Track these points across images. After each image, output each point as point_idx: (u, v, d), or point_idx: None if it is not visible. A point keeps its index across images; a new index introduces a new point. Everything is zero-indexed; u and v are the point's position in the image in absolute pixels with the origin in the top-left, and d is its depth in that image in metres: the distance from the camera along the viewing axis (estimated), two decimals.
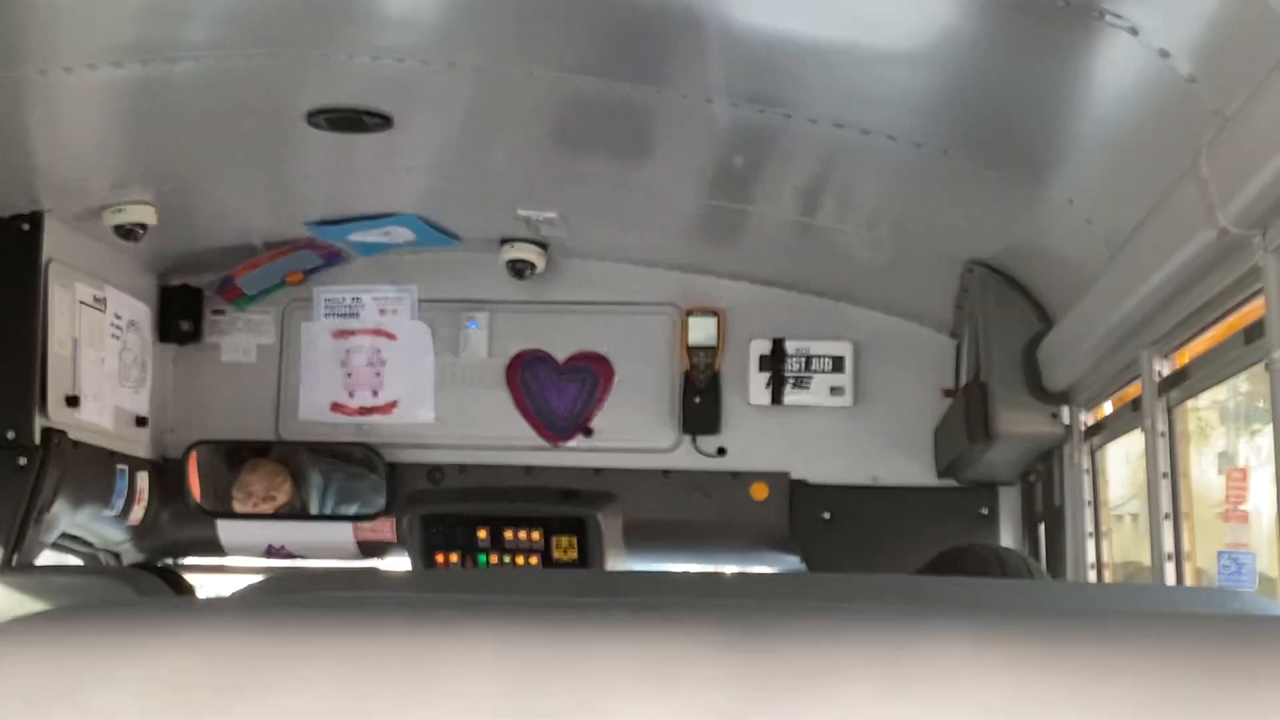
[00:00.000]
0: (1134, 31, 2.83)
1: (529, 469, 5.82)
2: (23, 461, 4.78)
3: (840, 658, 1.16)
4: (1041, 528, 5.23)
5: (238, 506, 5.86)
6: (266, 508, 5.85)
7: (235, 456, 5.95)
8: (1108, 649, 1.18)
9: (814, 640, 1.17)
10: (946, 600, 2.08)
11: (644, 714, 1.12)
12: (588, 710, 1.12)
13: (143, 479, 5.62)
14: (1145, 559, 3.99)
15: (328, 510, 5.94)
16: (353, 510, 5.92)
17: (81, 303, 5.12)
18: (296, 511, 5.92)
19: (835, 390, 5.74)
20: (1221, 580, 3.48)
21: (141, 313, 5.63)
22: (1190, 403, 3.83)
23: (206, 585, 6.03)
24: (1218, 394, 3.91)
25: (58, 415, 4.93)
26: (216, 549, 5.95)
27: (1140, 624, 1.26)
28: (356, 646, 1.13)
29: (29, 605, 4.07)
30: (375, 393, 5.89)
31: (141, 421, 5.62)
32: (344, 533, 5.89)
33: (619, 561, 5.72)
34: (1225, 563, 3.49)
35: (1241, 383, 3.64)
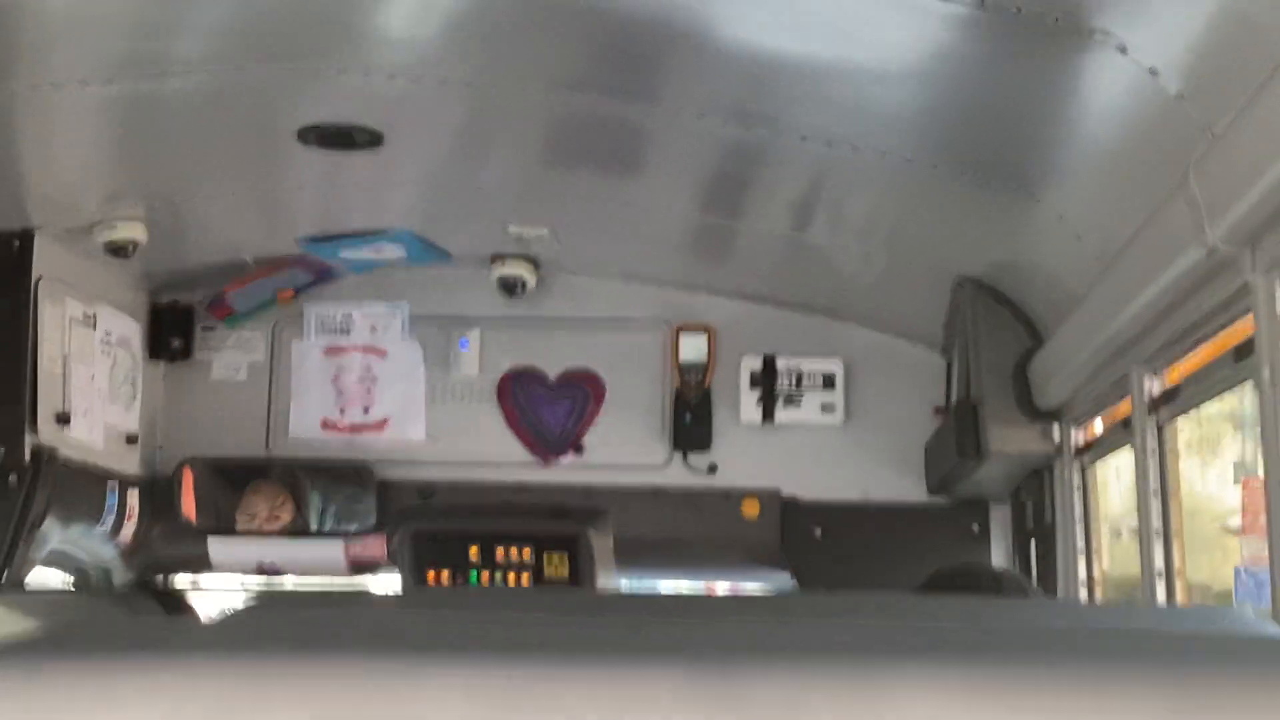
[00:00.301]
0: (1123, 50, 2.84)
1: (520, 486, 5.82)
2: (13, 479, 4.77)
3: (815, 704, 1.16)
4: (1033, 544, 5.23)
5: (241, 529, 5.86)
6: (271, 529, 5.84)
7: (226, 474, 5.94)
8: (1100, 685, 1.17)
9: (787, 686, 1.17)
10: (938, 621, 2.07)
11: None
12: None
13: (133, 496, 5.61)
14: None
15: (327, 529, 5.93)
16: (351, 528, 5.91)
17: (72, 320, 5.11)
18: (290, 529, 5.92)
19: (826, 407, 5.74)
20: (1239, 599, 3.32)
21: (132, 330, 5.62)
22: (1199, 409, 3.76)
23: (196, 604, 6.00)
24: (1230, 401, 3.81)
25: (48, 433, 4.92)
26: (207, 566, 5.93)
27: (1134, 651, 1.26)
28: (333, 674, 1.13)
29: (19, 624, 4.06)
30: (366, 410, 5.89)
31: (132, 439, 5.61)
32: (334, 550, 5.87)
33: (610, 579, 5.71)
34: (1243, 580, 3.32)
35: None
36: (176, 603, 4.98)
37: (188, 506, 5.80)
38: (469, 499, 5.81)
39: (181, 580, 6.09)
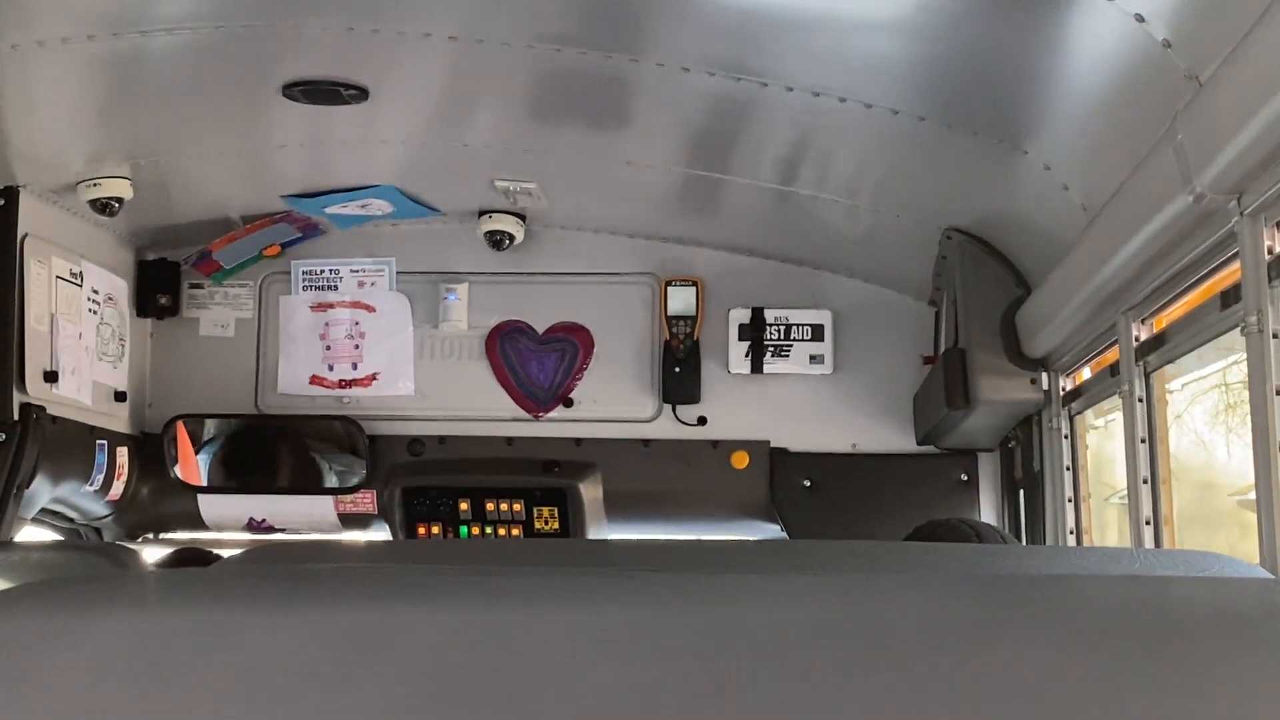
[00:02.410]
0: None
1: (509, 440, 5.82)
2: (1, 437, 4.77)
3: (799, 631, 1.16)
4: (1021, 494, 5.25)
5: None
6: None
7: (216, 430, 5.94)
8: (1076, 612, 1.18)
9: (776, 632, 1.17)
10: (924, 566, 2.09)
11: (597, 686, 1.13)
12: (539, 682, 1.12)
13: (122, 454, 5.61)
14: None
15: (317, 485, 5.95)
16: (341, 484, 5.92)
17: (58, 278, 5.11)
18: (277, 485, 5.94)
19: (815, 358, 5.75)
20: None
21: (119, 287, 5.61)
22: (1225, 371, 3.71)
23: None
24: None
25: (36, 391, 4.92)
26: (198, 523, 5.94)
27: (1124, 592, 1.26)
28: (321, 626, 1.13)
29: (7, 582, 4.06)
30: (354, 365, 5.89)
31: (120, 396, 5.61)
32: (325, 506, 5.89)
33: (600, 531, 5.74)
34: None
35: None
36: (168, 558, 5.00)
37: (178, 464, 5.81)
38: (458, 453, 5.82)
39: (172, 537, 6.10)
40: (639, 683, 1.13)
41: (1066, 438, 4.68)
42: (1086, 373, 4.52)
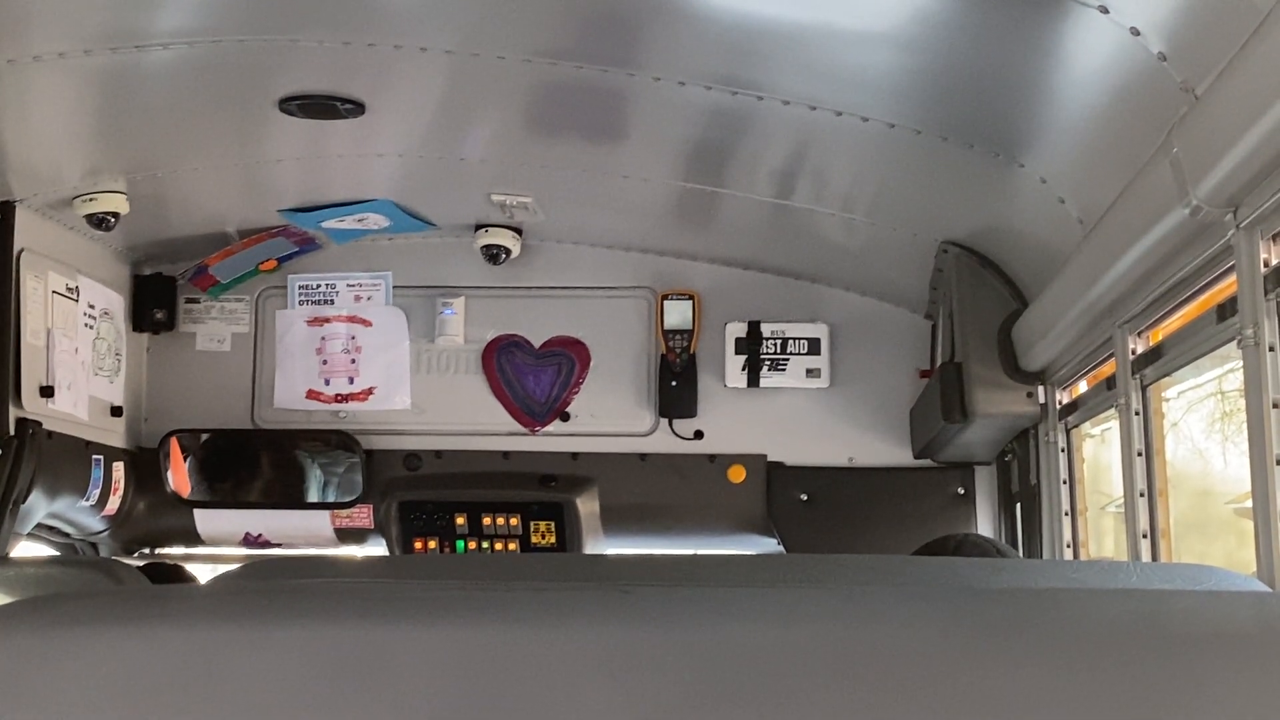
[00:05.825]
0: (1104, 10, 2.84)
1: (506, 454, 5.82)
2: None
3: (796, 645, 1.16)
4: (1018, 507, 5.25)
5: None
6: None
7: (212, 445, 5.94)
8: (1074, 626, 1.18)
9: (774, 647, 1.17)
10: (922, 580, 2.08)
11: (594, 702, 1.13)
12: (537, 699, 1.12)
13: (118, 469, 5.61)
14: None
15: (314, 500, 5.94)
16: (338, 499, 5.91)
17: (55, 292, 5.10)
18: (274, 500, 5.94)
19: (811, 372, 5.75)
20: None
21: (115, 302, 5.61)
22: (1221, 379, 3.71)
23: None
24: None
25: (32, 405, 4.92)
26: (194, 538, 5.94)
27: (1109, 601, 1.26)
28: (316, 642, 1.13)
29: (4, 597, 4.06)
30: (351, 379, 5.89)
31: (116, 411, 5.61)
32: (321, 520, 5.88)
33: (597, 545, 5.73)
34: None
35: None
36: (163, 574, 4.99)
37: (174, 478, 5.80)
38: (455, 467, 5.82)
39: (168, 552, 6.10)
40: (636, 697, 1.13)
41: (1063, 451, 4.68)
42: (1083, 386, 4.52)
